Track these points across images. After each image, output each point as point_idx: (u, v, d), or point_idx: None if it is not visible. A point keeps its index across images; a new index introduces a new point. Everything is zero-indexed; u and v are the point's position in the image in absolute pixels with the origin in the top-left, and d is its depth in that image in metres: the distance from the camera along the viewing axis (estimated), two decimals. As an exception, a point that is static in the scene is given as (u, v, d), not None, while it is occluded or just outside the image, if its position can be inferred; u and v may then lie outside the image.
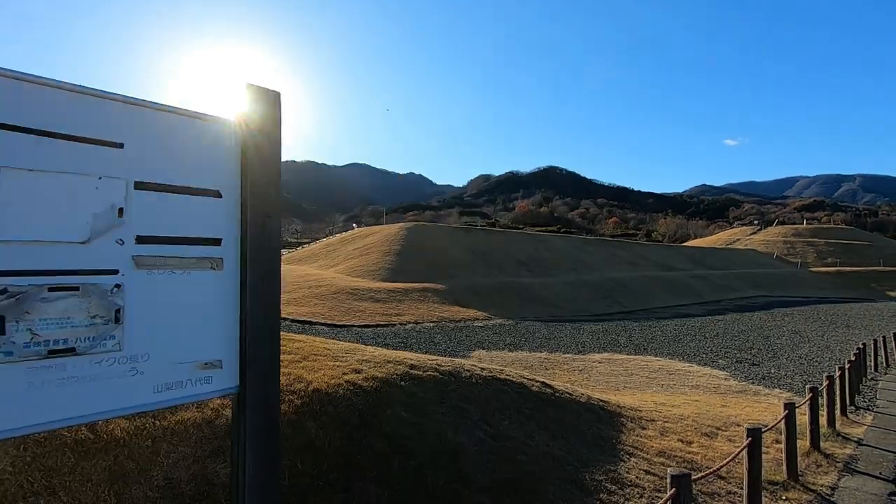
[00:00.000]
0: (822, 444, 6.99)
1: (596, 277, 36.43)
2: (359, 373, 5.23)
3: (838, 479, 5.87)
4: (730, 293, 41.56)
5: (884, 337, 15.95)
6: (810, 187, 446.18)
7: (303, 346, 6.05)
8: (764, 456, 6.25)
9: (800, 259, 64.11)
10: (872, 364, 14.45)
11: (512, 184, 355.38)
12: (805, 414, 6.87)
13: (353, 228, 54.27)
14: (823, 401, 8.12)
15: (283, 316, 18.77)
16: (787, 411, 5.48)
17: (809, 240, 71.54)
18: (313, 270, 31.03)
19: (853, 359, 11.12)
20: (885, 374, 14.07)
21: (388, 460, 3.99)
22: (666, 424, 6.79)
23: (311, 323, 17.71)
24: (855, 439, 7.67)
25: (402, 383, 5.28)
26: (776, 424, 5.67)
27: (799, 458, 6.33)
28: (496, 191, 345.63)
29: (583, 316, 26.04)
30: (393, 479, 3.80)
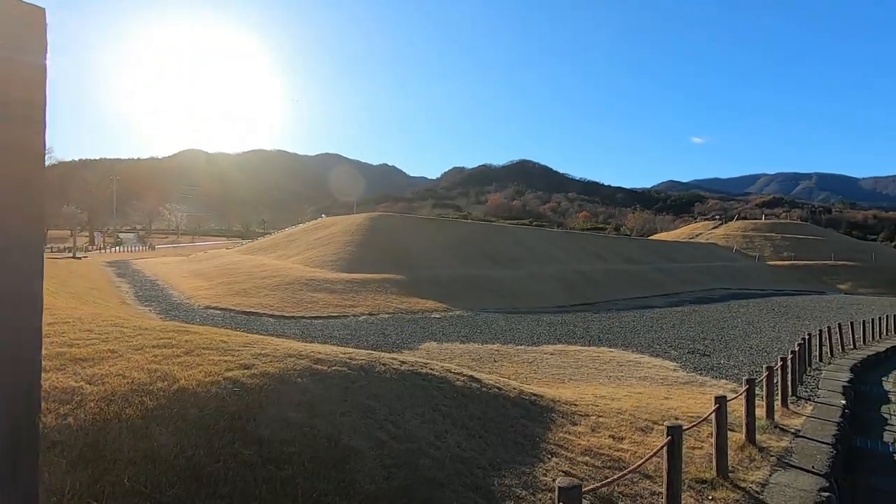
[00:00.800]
0: (758, 437, 6.78)
1: (561, 270, 36.51)
2: (248, 369, 4.62)
3: (770, 475, 5.63)
4: (691, 286, 42.44)
5: (829, 327, 16.26)
6: (770, 184, 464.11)
7: (195, 338, 5.39)
8: (697, 451, 5.98)
9: (757, 253, 66.30)
10: (818, 354, 14.68)
11: (485, 177, 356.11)
12: (742, 406, 6.65)
13: (322, 218, 52.98)
14: (764, 392, 7.98)
15: (227, 307, 17.87)
16: (717, 405, 5.18)
17: (767, 234, 74.06)
18: (270, 261, 29.92)
19: (797, 349, 11.15)
20: (830, 363, 14.30)
21: (253, 470, 3.41)
22: (600, 419, 6.44)
23: (257, 314, 16.87)
24: (793, 431, 7.54)
25: (299, 380, 4.70)
26: (706, 418, 5.36)
27: (733, 453, 6.08)
28: (469, 183, 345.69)
29: (545, 308, 25.92)
30: (253, 494, 3.23)
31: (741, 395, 6.49)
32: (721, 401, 5.20)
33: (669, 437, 3.89)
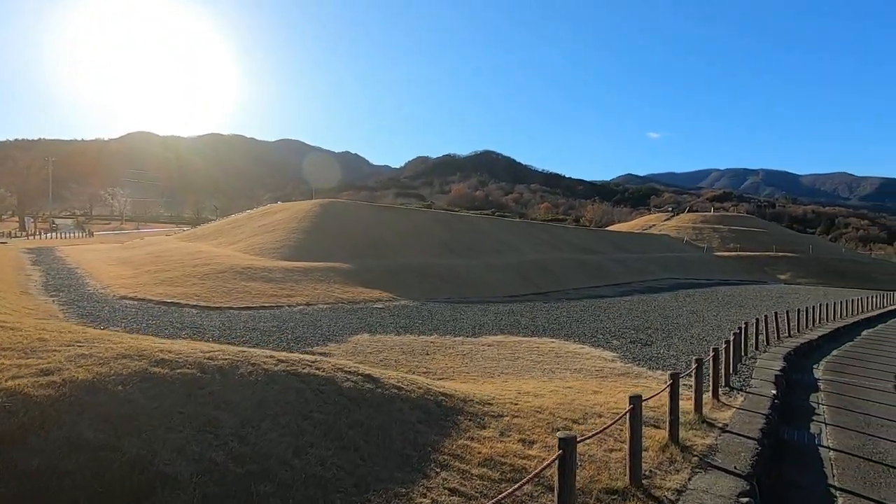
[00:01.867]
0: (683, 434, 6.33)
1: (517, 259, 36.29)
2: (46, 375, 3.61)
3: (689, 479, 5.13)
4: (643, 275, 43.27)
5: (766, 316, 16.48)
6: (721, 179, 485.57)
7: (2, 336, 4.32)
8: (616, 454, 5.41)
9: (706, 244, 68.77)
10: (754, 343, 14.79)
11: (449, 166, 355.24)
12: (666, 403, 6.17)
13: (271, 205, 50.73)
14: (693, 385, 7.60)
15: (146, 297, 16.33)
16: (631, 406, 4.60)
17: (715, 226, 77.00)
18: (208, 248, 28.11)
19: (731, 339, 11.00)
20: (765, 352, 14.41)
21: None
22: (514, 420, 5.79)
23: (178, 305, 15.48)
24: (720, 425, 7.18)
25: (119, 388, 3.74)
26: (617, 421, 4.79)
27: (654, 454, 5.57)
28: (433, 173, 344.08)
29: (496, 297, 25.50)
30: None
31: (664, 389, 6.00)
32: (635, 401, 4.62)
33: (561, 451, 3.23)
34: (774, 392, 9.59)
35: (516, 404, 6.44)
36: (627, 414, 4.61)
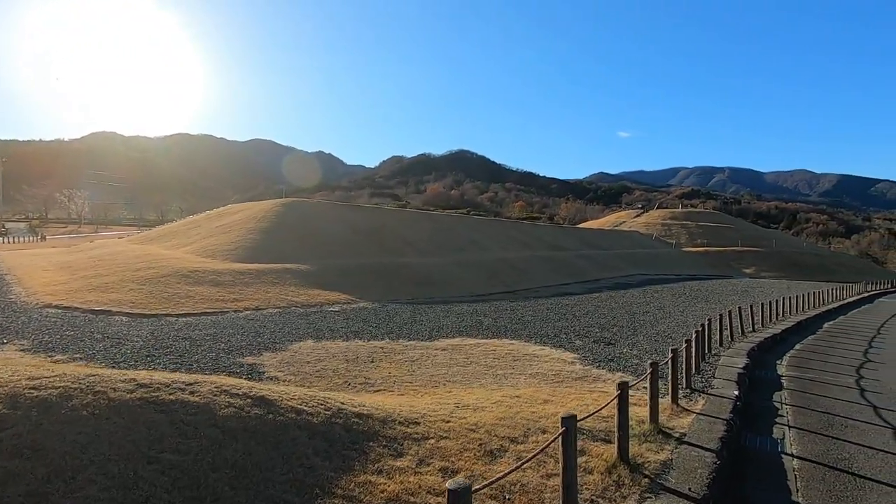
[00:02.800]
0: (635, 449, 5.65)
1: (485, 258, 35.65)
2: None
3: (636, 508, 4.43)
4: (612, 272, 43.28)
5: (730, 311, 16.20)
6: (690, 177, 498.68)
7: None
8: (554, 480, 4.68)
9: (675, 240, 69.79)
10: (718, 339, 14.45)
11: (424, 166, 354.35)
12: (617, 415, 5.46)
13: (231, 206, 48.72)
14: (648, 392, 6.95)
15: (73, 305, 14.88)
16: (563, 428, 3.85)
17: (683, 222, 78.30)
18: (159, 250, 26.47)
19: (693, 337, 10.49)
20: (729, 347, 14.07)
21: None
22: (441, 443, 4.98)
23: (108, 313, 14.14)
24: (678, 435, 6.54)
25: None
26: (552, 442, 4.03)
27: (599, 477, 4.84)
28: (408, 173, 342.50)
29: (462, 297, 24.75)
30: None
31: (612, 401, 5.29)
32: (569, 423, 3.86)
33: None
34: (737, 393, 9.09)
35: (448, 422, 5.63)
36: (560, 438, 3.85)
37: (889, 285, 52.48)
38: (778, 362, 13.72)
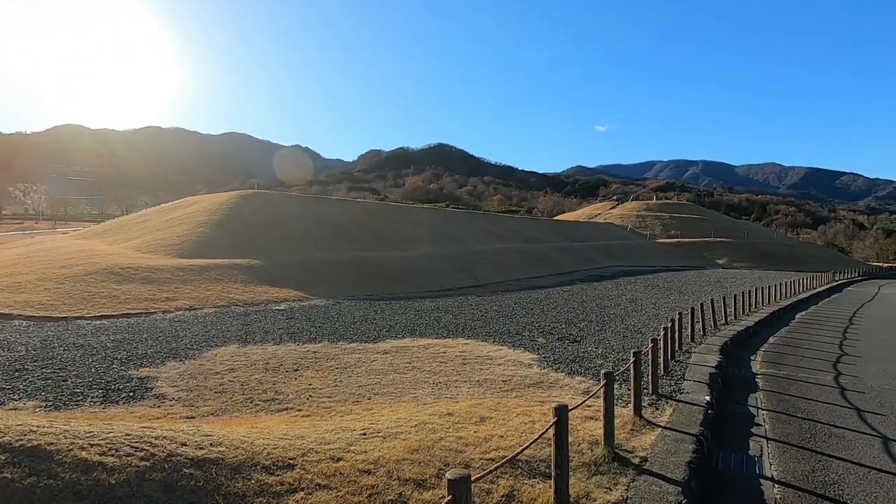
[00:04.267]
0: (581, 486, 4.41)
1: (457, 250, 34.39)
2: None
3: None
4: (586, 264, 42.56)
5: (702, 304, 15.28)
6: (665, 170, 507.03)
7: None
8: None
9: (649, 231, 69.82)
10: (689, 333, 13.50)
11: (403, 160, 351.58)
12: (553, 451, 4.21)
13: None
14: (602, 409, 5.75)
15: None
16: (451, 496, 2.56)
17: (657, 214, 78.52)
18: (97, 246, 24.37)
19: (660, 336, 9.40)
20: (701, 343, 13.12)
21: None
22: (313, 498, 3.63)
23: (7, 316, 12.35)
24: (637, 460, 5.34)
25: None
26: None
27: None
28: (387, 166, 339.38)
29: (428, 291, 23.45)
30: None
31: (548, 429, 4.03)
32: (458, 489, 2.58)
33: None
34: (708, 398, 8.01)
35: (340, 460, 4.30)
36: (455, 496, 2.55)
37: (856, 274, 53.32)
38: (752, 358, 12.84)
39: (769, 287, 24.84)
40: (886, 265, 79.20)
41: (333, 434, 5.01)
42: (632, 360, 6.84)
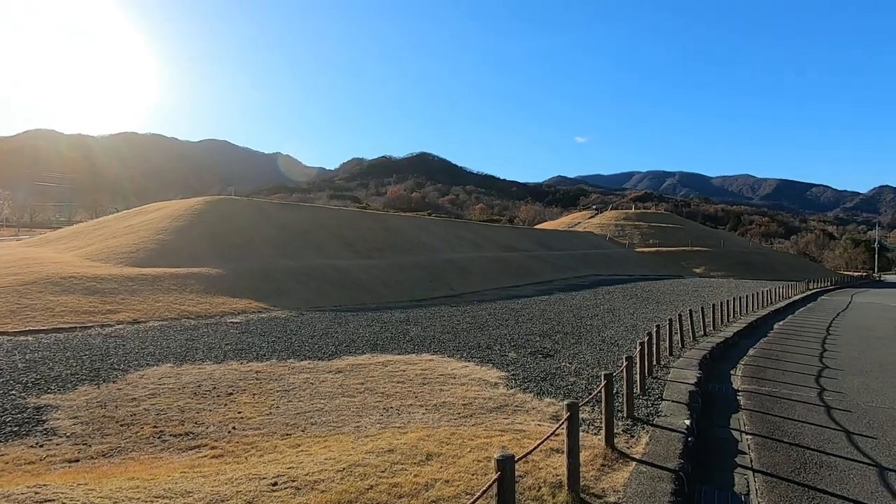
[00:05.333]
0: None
1: (431, 259, 33.49)
2: None
3: None
4: (565, 273, 42.11)
5: (680, 316, 14.69)
6: (643, 181, 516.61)
7: None
8: None
9: (627, 240, 70.09)
10: (668, 346, 12.85)
11: (385, 168, 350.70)
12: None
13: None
14: (566, 447, 4.90)
15: None
16: None
17: (636, 223, 79.04)
18: (46, 253, 22.75)
19: (636, 353, 8.67)
20: (680, 357, 12.46)
21: None
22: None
23: (-88, 333, 10.97)
24: (607, 507, 4.50)
25: None
26: None
27: None
28: (369, 175, 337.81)
29: (397, 302, 22.47)
30: None
31: (492, 485, 3.15)
32: None
33: None
34: (688, 423, 7.25)
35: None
36: None
37: (829, 283, 54.15)
38: (732, 372, 12.21)
39: (746, 297, 24.57)
40: (857, 274, 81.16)
41: (234, 486, 4.03)
42: (603, 383, 6.02)
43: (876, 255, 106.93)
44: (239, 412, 6.84)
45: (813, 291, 42.31)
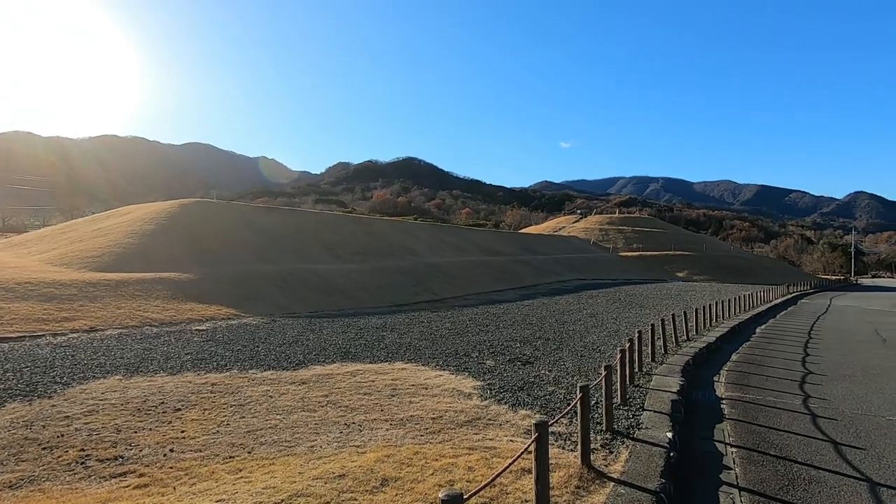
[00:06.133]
0: None
1: (413, 263, 32.91)
2: None
3: None
4: (549, 277, 41.87)
5: (662, 320, 14.38)
6: (627, 186, 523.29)
7: None
8: None
9: (612, 245, 70.36)
10: (650, 352, 12.49)
11: (371, 173, 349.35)
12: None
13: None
14: (534, 472, 4.41)
15: None
16: None
17: (620, 227, 79.50)
18: (2, 258, 21.64)
19: (616, 362, 8.24)
20: (662, 363, 12.10)
21: None
22: None
23: None
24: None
25: None
26: None
27: None
28: (355, 179, 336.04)
29: (377, 308, 21.85)
30: None
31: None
32: None
33: None
34: (670, 436, 6.82)
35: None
36: None
37: (809, 286, 54.89)
38: (715, 378, 11.88)
39: (728, 301, 24.49)
40: (834, 278, 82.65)
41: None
42: (578, 396, 5.55)
43: (853, 260, 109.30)
44: (182, 431, 6.20)
45: (793, 295, 42.74)
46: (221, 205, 33.52)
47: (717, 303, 22.24)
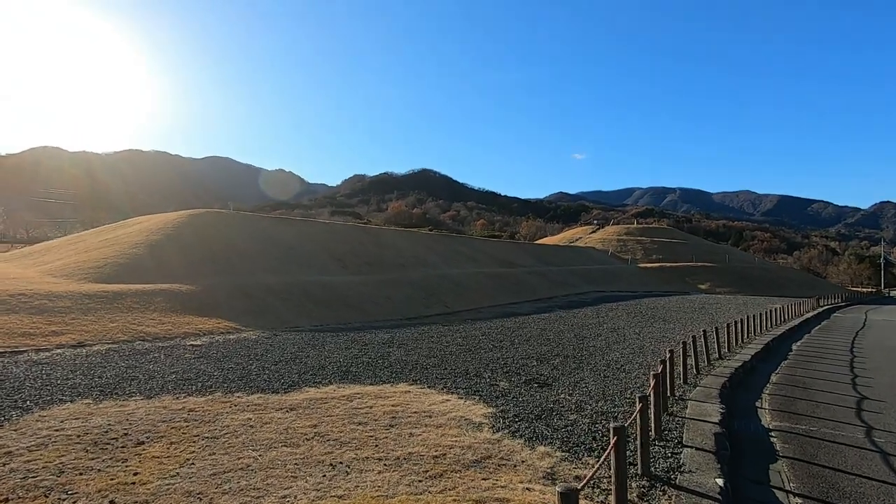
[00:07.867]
0: None
1: (425, 275, 31.94)
2: None
3: None
4: (565, 289, 40.49)
5: (694, 337, 13.09)
6: (644, 197, 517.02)
7: None
8: None
9: (630, 255, 68.48)
10: (681, 373, 11.25)
11: (386, 184, 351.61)
12: None
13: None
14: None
15: None
16: None
17: (638, 238, 77.51)
18: (5, 268, 21.29)
19: (649, 393, 7.08)
20: (696, 386, 10.84)
21: None
22: None
23: None
24: None
25: None
26: None
27: None
28: (370, 191, 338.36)
29: (386, 321, 20.87)
30: None
31: None
32: None
33: None
34: (721, 483, 5.63)
35: None
36: None
37: (839, 299, 52.38)
38: (758, 404, 10.57)
39: (758, 315, 22.94)
40: (866, 290, 79.27)
41: None
42: (612, 440, 4.45)
43: (882, 271, 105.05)
44: (136, 473, 5.25)
45: (824, 308, 40.57)
46: (230, 215, 33.10)
47: (746, 317, 20.76)
